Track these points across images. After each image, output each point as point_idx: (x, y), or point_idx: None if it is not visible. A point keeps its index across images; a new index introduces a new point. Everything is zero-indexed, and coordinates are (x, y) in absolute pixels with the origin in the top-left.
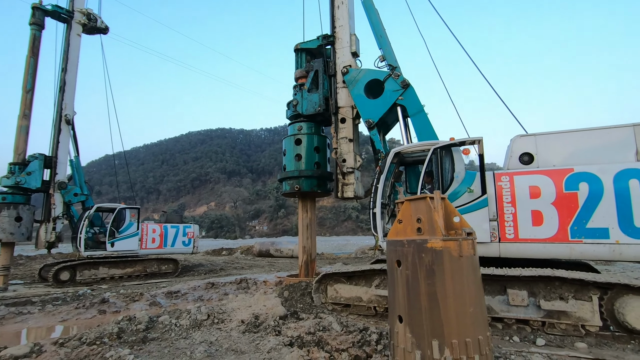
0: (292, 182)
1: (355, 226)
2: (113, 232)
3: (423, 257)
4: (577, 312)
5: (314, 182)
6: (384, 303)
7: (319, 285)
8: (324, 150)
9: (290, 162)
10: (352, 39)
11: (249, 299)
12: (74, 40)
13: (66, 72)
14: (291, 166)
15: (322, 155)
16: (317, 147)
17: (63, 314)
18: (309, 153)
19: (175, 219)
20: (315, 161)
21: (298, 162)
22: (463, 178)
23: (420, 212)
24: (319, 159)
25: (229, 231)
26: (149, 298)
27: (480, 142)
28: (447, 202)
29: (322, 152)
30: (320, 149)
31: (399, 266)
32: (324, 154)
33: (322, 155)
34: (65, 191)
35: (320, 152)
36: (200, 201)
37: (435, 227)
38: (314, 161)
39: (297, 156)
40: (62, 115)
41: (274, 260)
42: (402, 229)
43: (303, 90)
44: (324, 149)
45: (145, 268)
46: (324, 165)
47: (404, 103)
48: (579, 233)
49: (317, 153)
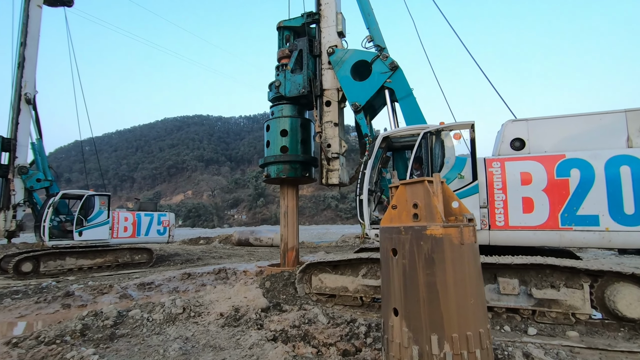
0: (273, 167)
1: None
2: (81, 221)
3: (422, 245)
4: (568, 300)
5: (296, 167)
6: (371, 293)
7: (302, 275)
8: (307, 135)
9: (272, 147)
10: (338, 18)
11: (228, 290)
12: (33, 11)
13: (25, 46)
14: (272, 151)
15: (306, 140)
16: (300, 132)
17: (21, 309)
18: (292, 137)
19: (150, 207)
20: (297, 146)
21: (267, 149)
22: (453, 164)
23: (417, 196)
24: (302, 143)
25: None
26: (120, 290)
27: (472, 126)
28: (446, 186)
29: (306, 136)
30: (304, 133)
31: (395, 255)
32: (307, 139)
33: (305, 140)
34: (27, 176)
35: (303, 136)
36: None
37: (435, 212)
38: (297, 146)
39: (279, 140)
40: (22, 94)
41: (253, 249)
42: (396, 215)
43: (286, 71)
44: (308, 133)
45: (116, 258)
46: (308, 151)
47: (392, 86)
48: (569, 220)
49: (300, 138)
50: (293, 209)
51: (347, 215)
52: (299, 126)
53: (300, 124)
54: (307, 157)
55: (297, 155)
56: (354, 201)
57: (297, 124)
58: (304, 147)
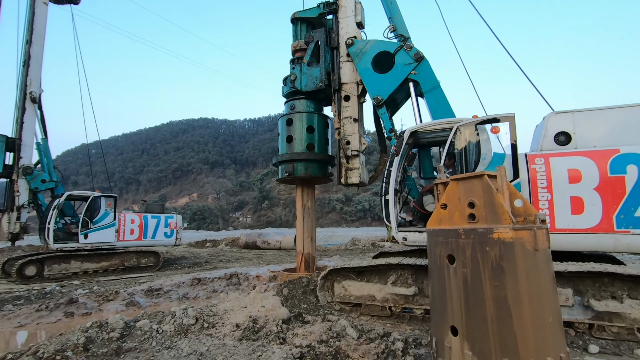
0: (284, 166)
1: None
2: (87, 223)
3: (487, 252)
4: (632, 313)
5: (308, 166)
6: (401, 303)
7: (324, 281)
8: (325, 131)
9: (283, 145)
10: (357, 8)
11: (243, 298)
12: (39, 8)
13: (31, 44)
14: (287, 149)
15: (317, 135)
16: (317, 128)
17: (21, 318)
18: (308, 134)
19: (156, 209)
20: (314, 143)
21: (289, 145)
22: (490, 160)
23: (474, 194)
24: (319, 140)
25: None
26: (126, 297)
27: (512, 119)
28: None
29: (318, 132)
30: (321, 129)
31: (452, 263)
32: (320, 135)
33: (316, 136)
34: (32, 177)
35: (321, 133)
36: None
37: (500, 212)
38: (314, 143)
39: (288, 138)
40: (27, 92)
41: (261, 252)
42: (447, 216)
43: (302, 64)
44: (325, 129)
45: (122, 261)
46: (322, 148)
47: (417, 78)
48: (626, 222)
49: (318, 134)
50: (313, 209)
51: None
52: (323, 123)
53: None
54: (328, 156)
55: (324, 153)
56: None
57: (322, 121)
58: (325, 145)
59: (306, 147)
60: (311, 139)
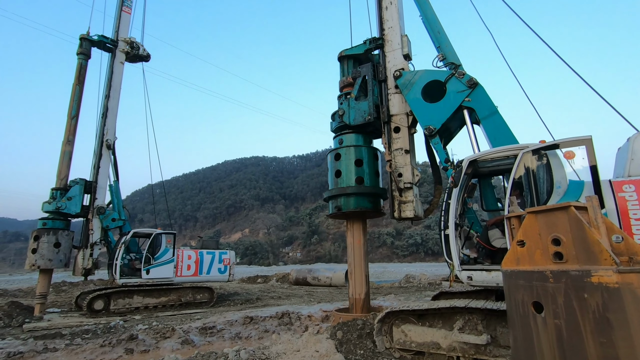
0: (351, 200)
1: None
2: (149, 259)
3: (586, 299)
4: None
5: (358, 200)
6: (471, 353)
7: (381, 325)
8: (370, 164)
9: (345, 178)
10: (403, 40)
11: (295, 341)
12: (117, 67)
13: (109, 98)
14: (337, 183)
15: (367, 169)
16: (367, 161)
17: (87, 353)
18: (349, 168)
19: (212, 245)
20: (365, 176)
21: (338, 179)
22: (566, 189)
23: (559, 228)
24: (370, 174)
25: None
26: (181, 334)
27: (589, 142)
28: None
29: (368, 165)
30: (371, 162)
31: (539, 312)
32: (369, 168)
33: (366, 169)
34: (104, 216)
35: (371, 165)
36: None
37: (597, 251)
38: (364, 176)
39: (337, 172)
40: (104, 140)
41: (311, 289)
42: (526, 255)
43: (350, 99)
44: (370, 161)
45: (179, 297)
46: (372, 181)
47: (473, 105)
48: None
49: (368, 167)
50: (364, 245)
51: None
52: (372, 155)
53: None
54: (379, 188)
55: (375, 186)
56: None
57: (371, 153)
58: (376, 178)
59: (355, 181)
60: (360, 173)
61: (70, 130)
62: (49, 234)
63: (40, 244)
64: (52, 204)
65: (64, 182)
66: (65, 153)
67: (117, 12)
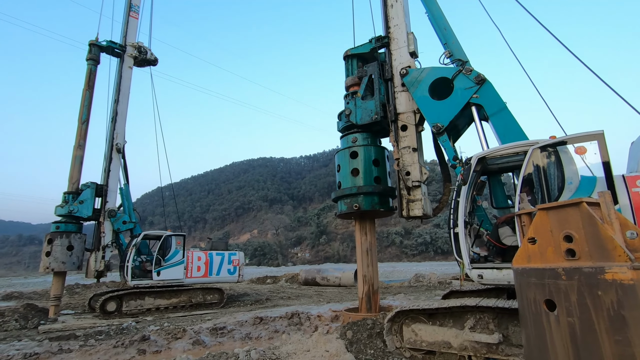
0: (349, 200)
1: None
2: (159, 260)
3: (600, 297)
4: None
5: (374, 199)
6: (483, 352)
7: (391, 324)
8: (383, 163)
9: (346, 179)
10: (409, 38)
11: (305, 341)
12: (125, 72)
13: (118, 103)
14: (347, 182)
15: (382, 168)
16: (375, 160)
17: (100, 354)
18: (367, 166)
19: (221, 246)
20: (374, 175)
21: (355, 178)
22: (578, 185)
23: (571, 225)
24: (379, 172)
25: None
26: (192, 335)
27: (601, 136)
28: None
29: (382, 165)
30: (380, 161)
31: (552, 309)
32: (383, 167)
33: (381, 169)
34: (115, 219)
35: (380, 165)
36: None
37: (611, 247)
38: (374, 175)
39: (353, 171)
40: (114, 144)
41: (320, 289)
42: (537, 252)
43: (356, 98)
44: (384, 161)
45: (190, 298)
46: (385, 180)
47: (481, 101)
48: None
49: (377, 166)
50: (374, 244)
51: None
52: (384, 155)
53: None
54: (384, 188)
55: (391, 187)
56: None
57: (384, 153)
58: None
59: (373, 180)
60: (378, 172)
61: (81, 135)
62: (62, 237)
63: (53, 247)
64: (64, 207)
65: (76, 186)
66: (76, 157)
67: (125, 17)
